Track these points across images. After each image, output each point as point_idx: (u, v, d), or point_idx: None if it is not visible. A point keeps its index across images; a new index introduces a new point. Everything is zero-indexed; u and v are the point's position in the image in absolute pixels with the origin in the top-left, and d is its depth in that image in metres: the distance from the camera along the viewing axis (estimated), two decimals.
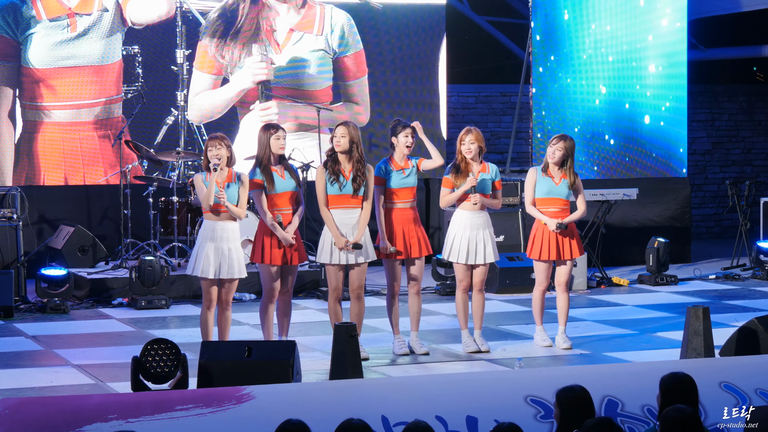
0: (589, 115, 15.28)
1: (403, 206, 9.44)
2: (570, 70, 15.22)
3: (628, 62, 15.24)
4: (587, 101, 15.28)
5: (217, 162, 8.80)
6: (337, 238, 9.18)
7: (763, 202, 14.70)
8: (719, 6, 16.59)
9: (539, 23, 15.07)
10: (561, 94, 15.24)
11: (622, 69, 15.24)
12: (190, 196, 12.74)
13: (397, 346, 9.53)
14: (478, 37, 17.65)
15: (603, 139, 15.31)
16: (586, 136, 15.22)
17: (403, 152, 9.44)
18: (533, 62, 15.15)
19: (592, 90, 15.25)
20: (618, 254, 14.65)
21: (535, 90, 15.09)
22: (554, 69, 15.20)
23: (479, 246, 9.56)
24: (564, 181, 9.77)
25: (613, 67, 15.24)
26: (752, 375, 7.11)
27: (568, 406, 5.41)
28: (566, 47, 15.20)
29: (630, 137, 15.31)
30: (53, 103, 13.85)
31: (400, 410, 6.47)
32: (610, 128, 15.28)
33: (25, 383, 8.63)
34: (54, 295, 11.65)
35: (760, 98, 18.73)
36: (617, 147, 15.28)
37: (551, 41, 15.21)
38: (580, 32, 15.20)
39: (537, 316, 9.93)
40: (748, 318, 9.02)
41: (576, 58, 15.24)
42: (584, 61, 15.20)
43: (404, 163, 9.44)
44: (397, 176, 9.39)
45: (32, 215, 13.44)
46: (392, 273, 9.46)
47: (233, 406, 6.38)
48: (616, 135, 15.29)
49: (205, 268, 8.80)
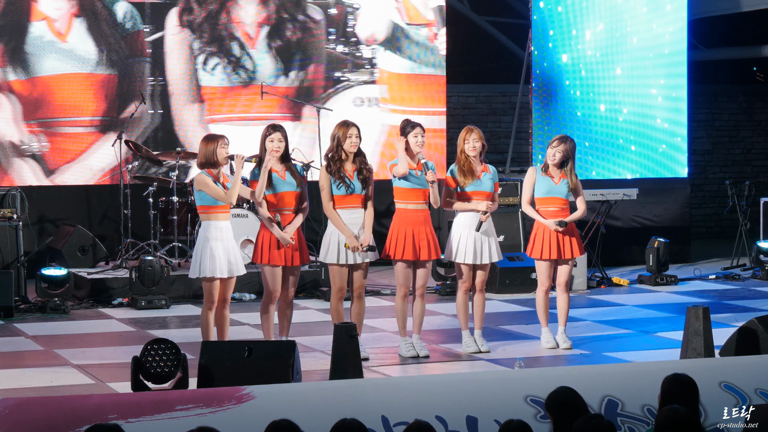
0: (589, 115, 15.27)
1: (415, 207, 9.42)
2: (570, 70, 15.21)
3: (628, 62, 15.23)
4: (587, 101, 15.27)
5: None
6: (350, 239, 9.16)
7: (763, 202, 14.71)
8: (719, 6, 16.59)
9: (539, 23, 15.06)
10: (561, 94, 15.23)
11: (622, 69, 15.23)
12: (190, 196, 12.75)
13: (404, 348, 9.51)
14: (478, 37, 17.65)
15: (603, 138, 15.30)
16: (587, 136, 15.21)
17: (414, 152, 9.42)
18: (533, 62, 15.15)
19: (592, 90, 15.24)
20: (618, 254, 14.65)
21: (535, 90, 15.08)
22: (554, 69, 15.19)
23: (484, 246, 9.55)
24: (563, 181, 9.77)
25: (613, 67, 15.23)
26: (752, 375, 7.11)
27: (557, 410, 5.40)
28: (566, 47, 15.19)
29: (630, 137, 15.30)
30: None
31: (400, 410, 6.47)
32: (610, 128, 15.27)
33: (25, 383, 8.63)
34: (54, 295, 11.65)
35: (760, 98, 18.73)
36: (617, 147, 15.27)
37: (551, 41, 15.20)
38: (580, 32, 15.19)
39: (542, 317, 9.91)
40: (748, 318, 9.02)
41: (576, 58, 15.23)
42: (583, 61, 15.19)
43: (417, 164, 9.43)
44: (410, 176, 9.37)
45: (32, 215, 13.43)
46: (402, 275, 9.44)
47: (233, 406, 6.38)
48: (616, 135, 15.28)
49: (217, 267, 8.78)
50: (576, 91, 15.23)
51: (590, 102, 15.28)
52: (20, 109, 13.73)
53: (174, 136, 14.20)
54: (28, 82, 13.74)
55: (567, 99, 15.22)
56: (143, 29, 14.13)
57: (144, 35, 14.15)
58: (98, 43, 13.93)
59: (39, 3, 13.76)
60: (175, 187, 12.79)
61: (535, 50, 15.05)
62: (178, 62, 14.26)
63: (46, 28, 13.78)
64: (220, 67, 14.35)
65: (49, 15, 13.82)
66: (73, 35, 13.83)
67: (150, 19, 14.16)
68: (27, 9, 13.73)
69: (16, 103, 13.72)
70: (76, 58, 13.88)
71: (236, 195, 8.86)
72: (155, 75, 14.17)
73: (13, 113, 13.70)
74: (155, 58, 14.17)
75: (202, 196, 8.83)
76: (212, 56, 14.35)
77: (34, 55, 13.72)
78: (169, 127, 14.23)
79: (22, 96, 13.72)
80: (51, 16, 13.82)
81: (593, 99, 15.26)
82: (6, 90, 13.65)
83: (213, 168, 8.84)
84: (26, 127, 13.75)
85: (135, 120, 13.84)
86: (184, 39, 14.25)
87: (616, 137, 15.29)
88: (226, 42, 14.40)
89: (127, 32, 14.10)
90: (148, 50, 14.15)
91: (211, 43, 14.34)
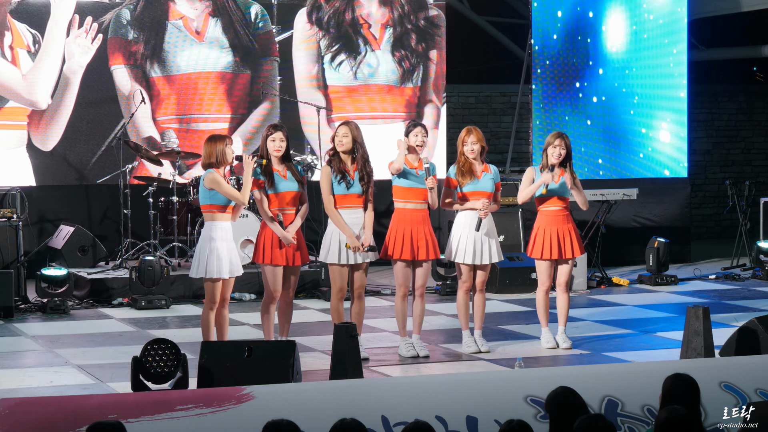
0: (589, 115, 15.27)
1: (414, 206, 9.42)
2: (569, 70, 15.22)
3: (629, 62, 15.23)
4: (587, 101, 15.27)
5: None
6: (351, 239, 9.16)
7: (763, 202, 14.70)
8: (719, 6, 16.59)
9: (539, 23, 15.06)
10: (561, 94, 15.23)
11: (622, 69, 15.23)
12: (190, 196, 12.75)
13: (405, 348, 9.51)
14: (478, 37, 17.65)
15: (603, 138, 15.30)
16: (586, 136, 15.22)
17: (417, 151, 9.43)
18: (533, 62, 15.16)
19: (591, 90, 15.24)
20: (618, 254, 14.65)
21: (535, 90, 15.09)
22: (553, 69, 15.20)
23: (485, 246, 9.55)
24: (563, 179, 9.77)
25: (613, 66, 15.24)
26: (752, 375, 7.11)
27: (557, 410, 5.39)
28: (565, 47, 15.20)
29: (630, 137, 15.31)
30: None
31: (400, 410, 6.47)
32: (610, 128, 15.28)
33: (25, 383, 8.63)
34: (54, 295, 11.65)
35: (760, 98, 18.73)
36: (617, 147, 15.28)
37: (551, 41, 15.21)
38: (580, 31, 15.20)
39: (542, 318, 9.91)
40: (748, 318, 9.02)
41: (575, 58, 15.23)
42: (584, 61, 15.19)
43: (417, 164, 9.43)
44: (409, 175, 9.37)
45: (32, 215, 13.44)
46: (401, 275, 9.44)
47: (233, 406, 6.38)
48: (616, 135, 15.28)
49: (223, 268, 8.78)
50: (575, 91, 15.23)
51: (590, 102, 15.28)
52: (157, 106, 14.06)
53: (301, 134, 14.44)
54: (165, 79, 14.08)
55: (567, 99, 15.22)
56: (273, 29, 14.52)
57: (273, 35, 14.55)
58: (232, 42, 14.30)
59: (177, 3, 14.10)
60: (175, 187, 12.78)
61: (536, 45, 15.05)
62: (305, 61, 14.68)
63: (182, 26, 14.14)
64: (346, 66, 14.77)
65: (186, 14, 14.14)
66: (209, 34, 14.22)
67: (278, 19, 14.53)
68: (165, 8, 14.07)
69: (154, 100, 14.05)
70: (212, 57, 14.26)
71: (249, 194, 8.88)
72: (284, 74, 14.54)
73: (151, 110, 14.01)
74: (283, 57, 14.58)
75: (212, 195, 8.80)
76: (338, 55, 14.75)
77: (170, 53, 14.12)
78: (296, 125, 14.48)
79: (159, 93, 14.05)
80: (188, 16, 14.15)
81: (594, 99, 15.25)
82: (144, 87, 13.92)
83: (218, 168, 8.84)
84: (162, 124, 14.03)
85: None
86: (311, 37, 14.67)
87: (616, 137, 15.30)
88: (352, 41, 14.82)
89: (259, 32, 14.48)
90: (277, 50, 14.57)
91: (337, 43, 14.73)
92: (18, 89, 13.62)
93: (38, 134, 13.76)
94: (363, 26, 14.86)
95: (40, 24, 13.69)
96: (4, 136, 13.63)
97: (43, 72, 13.67)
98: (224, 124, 14.33)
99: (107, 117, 13.92)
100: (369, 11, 14.89)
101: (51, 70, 13.70)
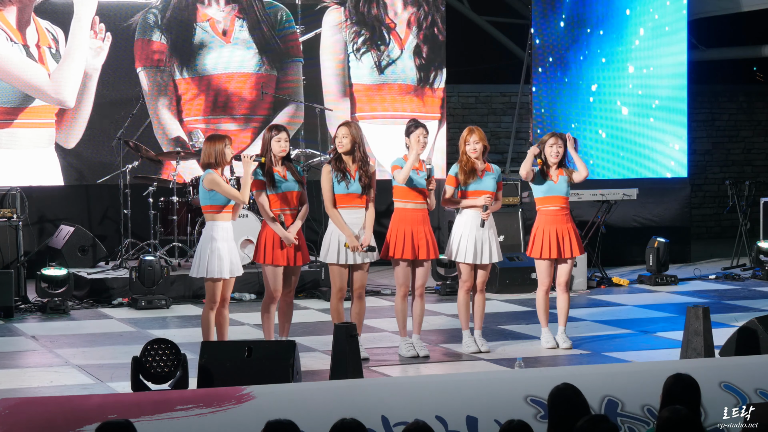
0: (589, 115, 15.27)
1: (414, 206, 9.42)
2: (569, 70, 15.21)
3: (629, 62, 15.23)
4: (587, 102, 15.27)
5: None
6: (350, 239, 9.16)
7: (763, 202, 14.71)
8: (719, 6, 16.60)
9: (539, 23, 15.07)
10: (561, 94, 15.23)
11: (622, 69, 15.23)
12: (190, 196, 12.74)
13: (405, 348, 9.51)
14: (478, 37, 17.65)
15: (603, 139, 15.30)
16: (586, 136, 15.22)
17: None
18: (533, 62, 15.16)
19: (591, 90, 15.24)
20: (618, 254, 14.65)
21: (535, 90, 15.09)
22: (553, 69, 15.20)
23: (485, 246, 9.55)
24: (562, 178, 9.78)
25: (613, 66, 15.23)
26: (752, 375, 7.11)
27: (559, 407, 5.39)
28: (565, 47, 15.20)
29: (630, 137, 15.31)
30: None
31: (400, 410, 6.46)
32: (610, 129, 15.28)
33: (25, 383, 8.64)
34: (54, 295, 11.65)
35: (760, 98, 18.73)
36: (617, 147, 15.28)
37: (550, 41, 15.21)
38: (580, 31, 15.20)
39: (542, 318, 9.90)
40: (748, 318, 9.02)
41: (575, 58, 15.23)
42: (583, 61, 15.19)
43: (418, 164, 9.43)
44: (411, 175, 9.37)
45: (32, 215, 13.44)
46: (401, 275, 9.43)
47: (233, 406, 6.37)
48: (616, 135, 15.28)
49: (225, 268, 8.78)
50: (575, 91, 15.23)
51: (590, 102, 15.28)
52: (184, 107, 14.12)
53: (327, 133, 14.45)
54: (191, 80, 14.17)
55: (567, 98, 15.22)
56: (297, 29, 14.62)
57: (298, 35, 14.64)
58: (259, 43, 14.38)
59: (204, 4, 14.18)
60: (175, 187, 12.78)
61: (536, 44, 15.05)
62: (330, 60, 14.78)
63: (209, 28, 14.21)
64: (370, 64, 14.89)
65: (213, 16, 14.21)
66: (235, 36, 14.29)
67: (303, 20, 14.63)
68: (193, 10, 14.15)
69: (181, 101, 14.11)
70: (237, 58, 14.34)
71: (248, 194, 8.88)
72: (308, 75, 14.64)
73: (177, 110, 14.09)
74: (307, 57, 14.69)
75: (212, 196, 8.80)
76: (364, 54, 14.85)
77: (197, 54, 14.21)
78: (322, 122, 14.55)
79: (186, 94, 14.11)
80: (215, 17, 14.22)
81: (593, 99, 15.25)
82: (172, 88, 13.99)
83: (217, 168, 8.84)
84: (189, 125, 14.09)
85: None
86: (336, 37, 14.78)
87: (616, 137, 15.30)
88: (377, 40, 14.89)
89: (285, 32, 14.58)
90: (301, 50, 14.68)
91: (362, 41, 14.82)
92: (45, 88, 13.69)
93: (62, 132, 13.84)
94: (390, 25, 14.93)
95: (63, 22, 13.72)
96: (30, 135, 13.68)
97: (69, 71, 13.73)
98: (250, 124, 14.40)
99: (126, 118, 13.88)
100: (395, 11, 14.96)
101: (77, 69, 13.76)
